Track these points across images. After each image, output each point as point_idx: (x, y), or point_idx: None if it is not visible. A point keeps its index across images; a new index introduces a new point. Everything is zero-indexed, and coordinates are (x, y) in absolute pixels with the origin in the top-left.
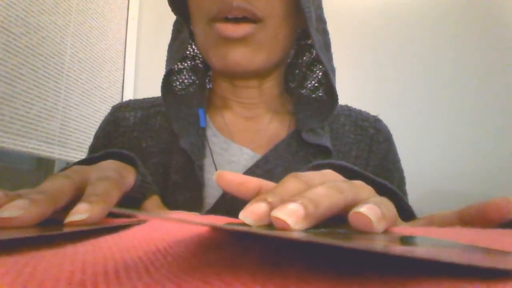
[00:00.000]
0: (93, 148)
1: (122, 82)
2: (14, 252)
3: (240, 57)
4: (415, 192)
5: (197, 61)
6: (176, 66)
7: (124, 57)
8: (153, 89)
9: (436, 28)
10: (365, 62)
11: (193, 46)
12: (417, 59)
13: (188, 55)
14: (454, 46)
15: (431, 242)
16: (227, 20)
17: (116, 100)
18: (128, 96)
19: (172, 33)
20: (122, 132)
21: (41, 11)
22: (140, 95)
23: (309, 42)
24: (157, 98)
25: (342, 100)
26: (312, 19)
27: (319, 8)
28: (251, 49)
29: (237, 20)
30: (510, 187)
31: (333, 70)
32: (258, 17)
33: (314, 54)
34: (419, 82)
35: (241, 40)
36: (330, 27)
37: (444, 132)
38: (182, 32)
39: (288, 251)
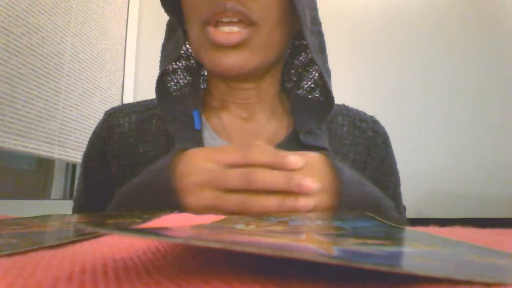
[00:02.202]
0: (88, 155)
1: (122, 82)
2: (14, 252)
3: (234, 62)
4: (415, 192)
5: (192, 60)
6: (170, 66)
7: (124, 57)
8: (153, 89)
9: (435, 29)
10: (364, 62)
11: (187, 46)
12: (416, 59)
13: (183, 55)
14: (453, 46)
15: (424, 241)
16: (221, 23)
17: (116, 100)
18: (128, 96)
19: (166, 33)
20: (117, 139)
21: (41, 11)
22: (140, 95)
23: (304, 42)
24: (151, 101)
25: (341, 100)
26: (307, 21)
27: (314, 9)
28: (245, 53)
29: (231, 23)
30: (510, 187)
31: (328, 72)
32: (252, 21)
33: (310, 55)
34: (418, 82)
35: (234, 45)
36: (328, 27)
37: (444, 132)
38: (176, 31)
39: None
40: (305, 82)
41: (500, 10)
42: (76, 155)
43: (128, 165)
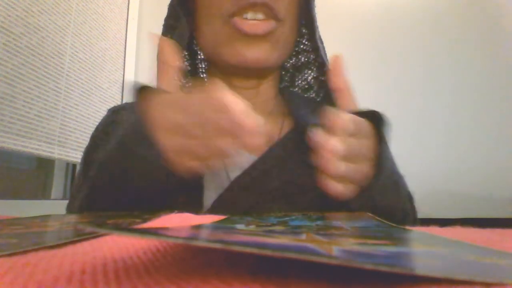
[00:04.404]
0: (91, 150)
1: (122, 82)
2: (14, 252)
3: (260, 53)
4: (415, 192)
5: (185, 63)
6: None
7: (124, 57)
8: None
9: (436, 28)
10: (365, 62)
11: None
12: (417, 58)
13: None
14: (454, 46)
15: (427, 241)
16: (246, 19)
17: (116, 100)
18: (128, 96)
19: (165, 28)
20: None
21: (41, 11)
22: None
23: (297, 49)
24: None
25: None
26: (317, 26)
27: (315, 18)
28: (270, 46)
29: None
30: (510, 187)
31: None
32: (277, 17)
33: (302, 60)
34: (418, 82)
35: (262, 36)
36: (329, 26)
37: (444, 132)
38: (177, 27)
39: None
40: (299, 82)
41: (501, 10)
42: (76, 155)
43: None
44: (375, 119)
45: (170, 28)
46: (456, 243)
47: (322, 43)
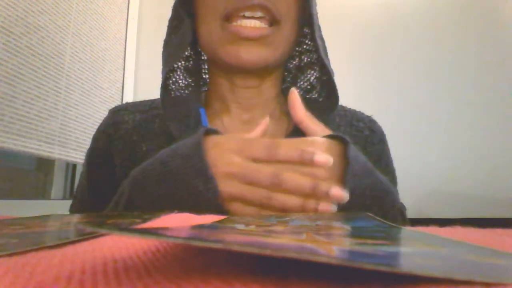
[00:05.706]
0: (93, 151)
1: (122, 82)
2: (14, 252)
3: (255, 55)
4: (415, 192)
5: (191, 62)
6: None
7: (124, 57)
8: (153, 89)
9: (436, 29)
10: (365, 63)
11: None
12: (417, 59)
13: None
14: (454, 47)
15: (424, 240)
16: (243, 17)
17: (116, 100)
18: (128, 96)
19: (169, 29)
20: (122, 135)
21: (41, 11)
22: (140, 95)
23: (299, 49)
24: (154, 100)
25: (341, 101)
26: (317, 26)
27: (317, 17)
28: (265, 48)
29: (252, 18)
30: (510, 187)
31: (333, 73)
32: (276, 18)
33: (305, 60)
34: (418, 82)
35: (257, 39)
36: (329, 27)
37: (444, 132)
38: (181, 28)
39: None
40: (301, 83)
41: (501, 10)
42: (76, 155)
43: (130, 161)
44: (342, 141)
45: (175, 29)
46: (456, 243)
47: (323, 41)
